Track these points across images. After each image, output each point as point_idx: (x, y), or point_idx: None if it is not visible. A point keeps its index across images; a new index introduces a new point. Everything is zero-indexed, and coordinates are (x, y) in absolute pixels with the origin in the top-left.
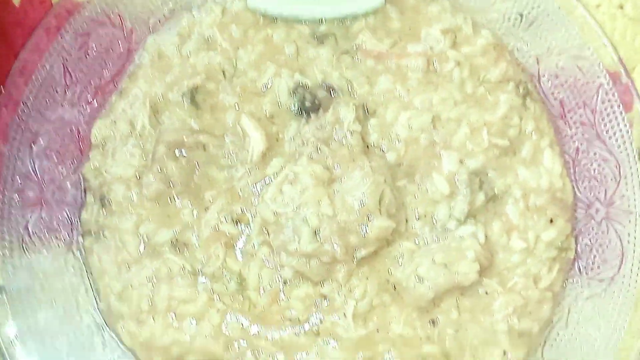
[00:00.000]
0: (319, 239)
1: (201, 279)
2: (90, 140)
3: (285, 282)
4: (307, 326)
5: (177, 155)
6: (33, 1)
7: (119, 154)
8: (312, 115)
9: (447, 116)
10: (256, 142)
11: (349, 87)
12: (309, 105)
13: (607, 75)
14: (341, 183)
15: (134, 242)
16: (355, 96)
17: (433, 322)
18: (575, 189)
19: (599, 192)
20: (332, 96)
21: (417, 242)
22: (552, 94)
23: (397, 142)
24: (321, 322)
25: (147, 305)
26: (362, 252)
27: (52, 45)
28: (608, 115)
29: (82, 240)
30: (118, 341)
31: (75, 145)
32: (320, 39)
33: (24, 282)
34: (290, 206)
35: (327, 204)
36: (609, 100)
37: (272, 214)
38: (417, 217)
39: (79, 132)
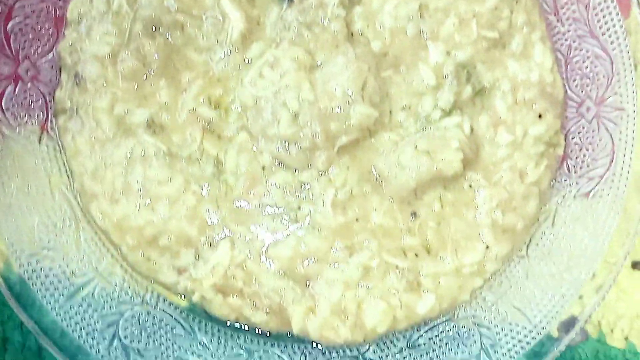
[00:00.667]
0: (298, 123)
1: (177, 161)
2: (66, 17)
3: (263, 168)
4: (285, 213)
5: (154, 33)
6: None
7: (94, 31)
8: None
9: (435, 5)
10: (236, 21)
11: None
12: None
13: None
14: (323, 69)
15: (108, 121)
16: None
17: (414, 214)
18: (567, 87)
19: (590, 90)
20: None
21: (400, 133)
22: None
23: (382, 30)
24: (299, 209)
25: (120, 185)
26: (343, 140)
27: None
28: (602, 11)
29: (55, 119)
30: (91, 221)
31: (51, 23)
32: None
33: None
34: (270, 90)
35: (307, 89)
36: None
37: (251, 98)
38: (401, 108)
39: (55, 9)
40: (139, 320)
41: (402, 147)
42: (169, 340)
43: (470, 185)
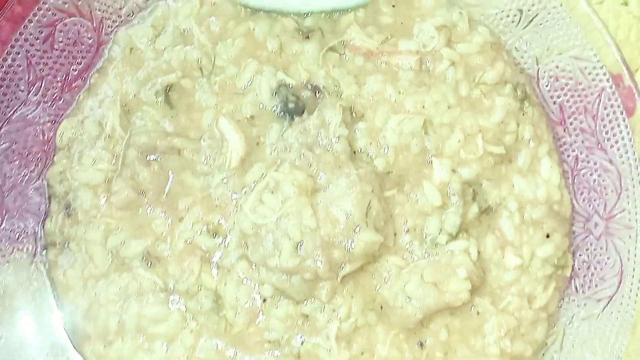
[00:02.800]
0: (300, 253)
1: (174, 296)
2: (55, 142)
3: (264, 300)
4: (287, 349)
5: (149, 160)
6: None
7: (86, 157)
8: (296, 118)
9: (440, 121)
10: (235, 146)
11: (336, 87)
12: (293, 107)
13: (610, 79)
14: (325, 192)
15: (102, 255)
16: (342, 97)
17: (421, 344)
18: (574, 201)
19: (598, 205)
20: (318, 97)
21: (405, 258)
22: (552, 97)
23: (386, 148)
24: (302, 344)
25: (115, 324)
26: (347, 269)
27: (14, 37)
28: (610, 122)
29: (46, 252)
30: None
31: (39, 147)
32: (305, 34)
33: None
34: (270, 217)
35: (310, 216)
36: (611, 106)
37: (251, 226)
38: (406, 230)
39: (43, 133)
40: None
41: (408, 275)
42: None
43: (478, 312)
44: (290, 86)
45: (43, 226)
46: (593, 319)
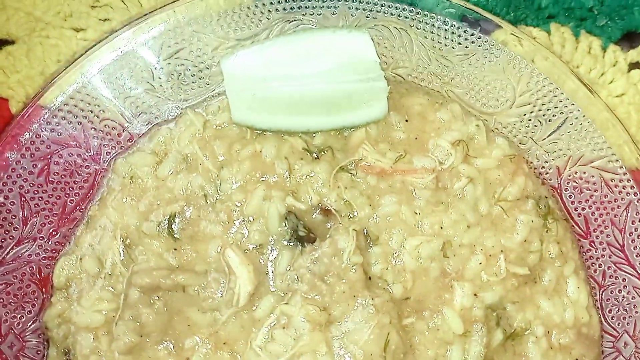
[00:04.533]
0: None
1: None
2: (52, 282)
3: None
4: None
5: (153, 299)
6: None
7: (85, 298)
8: (307, 245)
9: (460, 242)
10: (243, 282)
11: (348, 210)
12: (303, 234)
13: (638, 191)
14: (340, 325)
15: None
16: (356, 220)
17: None
18: (602, 319)
19: (627, 324)
20: (329, 222)
21: None
22: (576, 209)
23: (403, 273)
24: None
25: None
26: None
27: (6, 174)
28: (639, 236)
29: None
30: None
31: (36, 286)
32: (315, 154)
33: None
34: (283, 356)
35: (324, 353)
36: (639, 219)
37: None
38: None
39: (40, 271)
40: None
41: None
42: None
43: None
44: (300, 212)
45: None
46: None
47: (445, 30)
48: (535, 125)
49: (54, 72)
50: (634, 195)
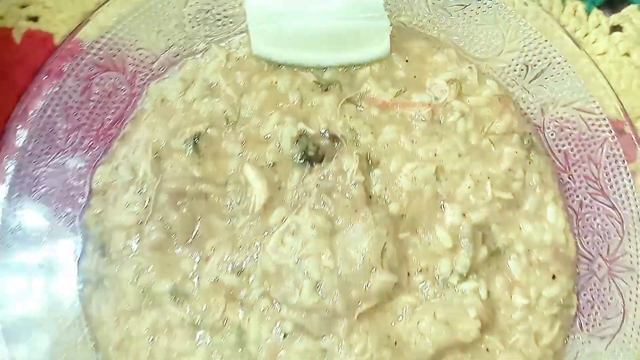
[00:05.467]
0: (320, 293)
1: (200, 331)
2: (91, 186)
3: (285, 336)
4: None
5: (179, 204)
6: (34, 39)
7: (119, 201)
8: (315, 165)
9: (451, 168)
10: (258, 192)
11: (353, 137)
12: (312, 154)
13: (612, 129)
14: (343, 235)
15: (133, 292)
16: (359, 146)
17: None
18: (578, 244)
19: (602, 248)
20: (336, 145)
21: (418, 297)
22: (557, 146)
23: (400, 193)
24: None
25: (145, 357)
26: (363, 307)
27: (54, 90)
28: (612, 170)
29: (81, 289)
30: None
31: (76, 192)
32: (324, 87)
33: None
34: (291, 258)
35: (328, 257)
36: (613, 155)
37: (273, 265)
38: (419, 270)
39: (79, 178)
40: None
41: (421, 313)
42: None
43: (487, 349)
44: (310, 135)
45: (79, 265)
46: (597, 355)
47: None
48: (522, 70)
49: (93, 10)
50: (609, 132)
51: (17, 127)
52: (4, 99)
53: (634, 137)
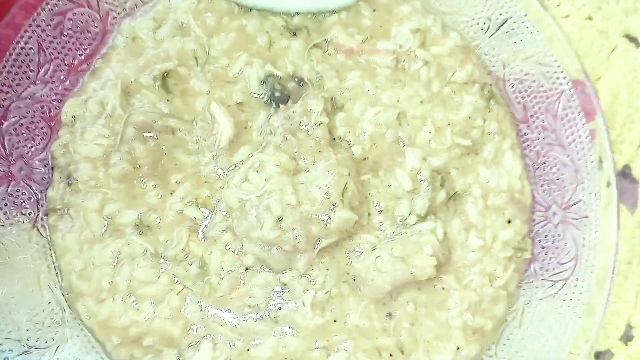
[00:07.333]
0: (281, 227)
1: (163, 261)
2: (60, 118)
3: (246, 269)
4: (266, 313)
5: (146, 137)
6: None
7: (87, 133)
8: (281, 106)
9: (413, 114)
10: (225, 128)
11: (319, 80)
12: (279, 95)
13: (570, 83)
14: (306, 174)
15: (98, 222)
16: (324, 89)
17: (390, 315)
18: (535, 192)
19: (557, 196)
20: (302, 88)
21: (377, 236)
22: (516, 98)
23: (363, 136)
24: (280, 309)
25: (107, 284)
26: (323, 243)
27: (28, 22)
28: (569, 121)
29: (46, 218)
30: (78, 319)
31: (45, 123)
32: (292, 31)
33: None
34: (255, 193)
35: (291, 193)
36: (570, 107)
37: (236, 200)
38: (379, 211)
39: (49, 110)
40: None
41: (379, 251)
42: None
43: (442, 288)
44: (277, 77)
45: (45, 194)
46: (550, 299)
47: None
48: (485, 24)
49: None
50: (566, 85)
51: None
52: None
53: (593, 97)
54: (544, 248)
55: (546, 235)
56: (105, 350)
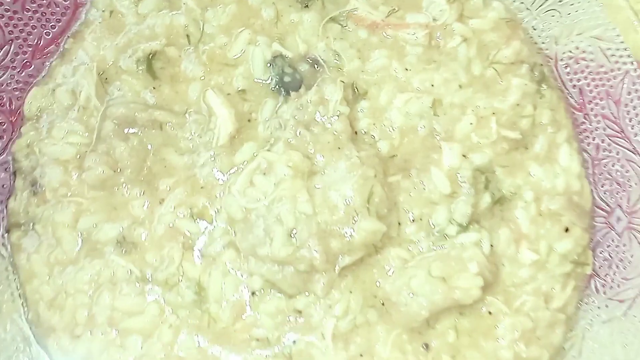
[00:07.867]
0: (294, 242)
1: (151, 287)
2: (22, 111)
3: (252, 294)
4: (277, 348)
5: (128, 134)
6: None
7: (56, 129)
8: (292, 93)
9: (450, 101)
10: (224, 121)
11: (337, 62)
12: (289, 80)
13: (635, 62)
14: (323, 175)
15: (71, 239)
16: (344, 72)
17: (426, 346)
18: (594, 193)
19: (621, 198)
20: (317, 71)
21: (410, 250)
22: (571, 80)
23: (390, 129)
24: (294, 343)
25: (84, 316)
26: (346, 260)
27: None
28: (634, 108)
29: (8, 235)
30: (48, 358)
31: (5, 117)
32: (304, 2)
33: None
34: (262, 201)
35: (305, 200)
36: (636, 91)
37: (240, 210)
38: (411, 219)
39: (10, 102)
40: None
41: (413, 269)
42: None
43: (489, 312)
44: (287, 58)
45: (6, 205)
46: (615, 322)
47: None
48: None
49: None
50: (631, 64)
51: None
52: None
53: None
54: (606, 260)
55: (608, 246)
56: None
